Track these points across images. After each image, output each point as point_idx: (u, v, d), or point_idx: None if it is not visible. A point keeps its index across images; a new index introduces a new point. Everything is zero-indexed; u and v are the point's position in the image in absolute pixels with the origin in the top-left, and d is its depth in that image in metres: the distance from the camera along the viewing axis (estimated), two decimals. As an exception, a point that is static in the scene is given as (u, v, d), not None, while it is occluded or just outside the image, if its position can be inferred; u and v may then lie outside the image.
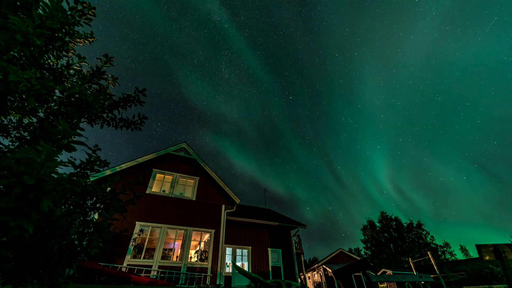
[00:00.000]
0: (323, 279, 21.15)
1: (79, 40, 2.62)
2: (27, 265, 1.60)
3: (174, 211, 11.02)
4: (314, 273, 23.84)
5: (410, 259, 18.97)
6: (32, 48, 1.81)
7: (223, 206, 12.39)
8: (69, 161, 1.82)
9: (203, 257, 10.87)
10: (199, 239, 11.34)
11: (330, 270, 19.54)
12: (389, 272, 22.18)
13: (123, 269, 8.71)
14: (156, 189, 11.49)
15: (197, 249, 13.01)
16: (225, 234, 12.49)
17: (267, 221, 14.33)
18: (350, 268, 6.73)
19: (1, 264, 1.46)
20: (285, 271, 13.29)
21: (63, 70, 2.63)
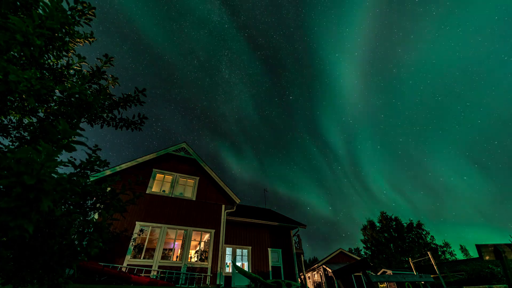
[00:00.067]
0: (323, 279, 21.15)
1: (79, 40, 2.62)
2: (27, 265, 1.60)
3: (174, 211, 11.03)
4: (314, 273, 23.85)
5: (410, 259, 18.97)
6: (32, 48, 1.81)
7: (223, 206, 12.39)
8: (69, 161, 1.83)
9: (203, 257, 10.87)
10: (199, 239, 11.35)
11: (330, 270, 19.54)
12: (389, 272, 22.18)
13: (123, 269, 8.71)
14: (156, 189, 11.49)
15: (197, 249, 13.01)
16: (225, 234, 12.49)
17: (267, 221, 14.33)
18: (350, 268, 6.73)
19: (1, 264, 1.46)
20: (285, 271, 13.29)
21: (63, 70, 2.63)
